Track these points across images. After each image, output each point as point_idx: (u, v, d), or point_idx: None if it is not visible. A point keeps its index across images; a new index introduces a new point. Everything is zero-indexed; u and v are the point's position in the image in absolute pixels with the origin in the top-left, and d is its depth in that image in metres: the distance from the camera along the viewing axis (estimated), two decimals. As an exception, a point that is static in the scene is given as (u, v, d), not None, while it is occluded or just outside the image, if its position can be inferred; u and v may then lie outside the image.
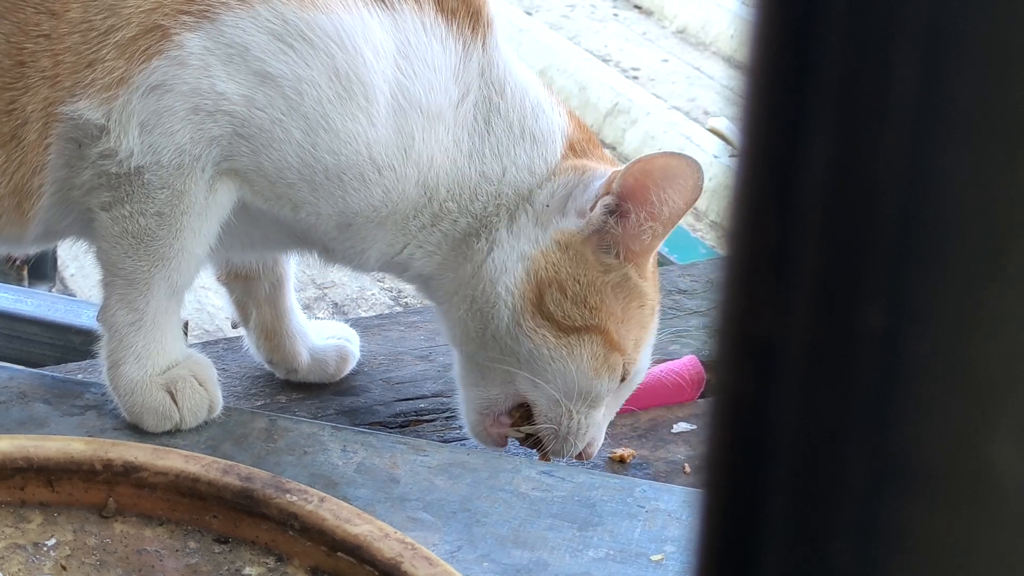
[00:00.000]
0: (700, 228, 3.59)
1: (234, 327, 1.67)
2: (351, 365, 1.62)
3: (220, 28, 1.32)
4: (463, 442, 1.51)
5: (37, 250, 1.53)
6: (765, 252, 0.40)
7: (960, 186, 0.38)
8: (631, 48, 4.85)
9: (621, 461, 1.51)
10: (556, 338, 1.39)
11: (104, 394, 1.41)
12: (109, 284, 1.38)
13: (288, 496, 1.14)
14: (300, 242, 1.45)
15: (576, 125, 1.47)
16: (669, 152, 1.41)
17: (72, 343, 1.79)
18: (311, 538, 1.13)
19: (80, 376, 1.52)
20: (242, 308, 1.59)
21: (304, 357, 1.58)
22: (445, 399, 1.56)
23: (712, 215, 3.63)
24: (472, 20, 1.39)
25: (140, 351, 1.38)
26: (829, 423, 0.39)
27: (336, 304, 3.21)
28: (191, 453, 1.19)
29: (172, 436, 1.38)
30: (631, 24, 5.08)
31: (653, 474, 1.49)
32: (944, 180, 0.38)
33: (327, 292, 3.25)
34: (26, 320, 1.83)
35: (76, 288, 3.10)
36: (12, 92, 1.34)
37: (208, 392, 1.40)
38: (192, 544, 1.15)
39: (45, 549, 1.14)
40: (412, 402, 1.58)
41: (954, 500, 0.39)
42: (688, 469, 1.51)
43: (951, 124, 0.38)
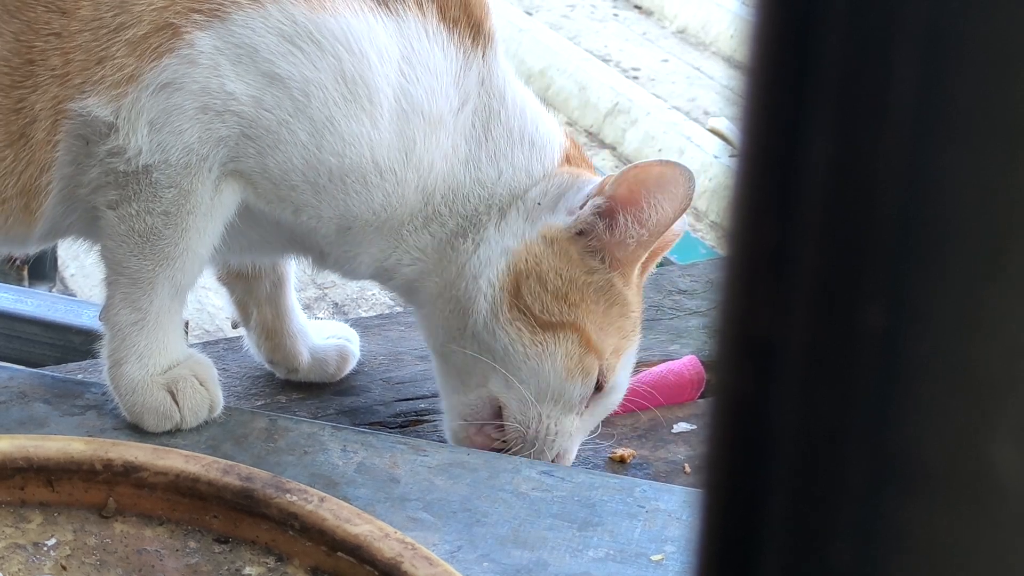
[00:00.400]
0: (700, 228, 3.59)
1: (234, 327, 1.67)
2: (351, 365, 1.62)
3: (230, 27, 1.32)
4: (463, 442, 1.51)
5: (39, 249, 1.53)
6: (765, 252, 0.40)
7: (960, 186, 0.38)
8: (631, 48, 4.85)
9: (621, 461, 1.51)
10: (532, 333, 1.38)
11: (104, 394, 1.41)
12: (113, 283, 1.39)
13: (288, 496, 1.14)
14: (296, 246, 1.45)
15: (573, 145, 1.49)
16: (663, 161, 1.41)
17: (72, 343, 1.79)
18: (311, 538, 1.13)
19: (80, 376, 1.52)
20: (243, 308, 1.59)
21: (305, 357, 1.58)
22: (445, 399, 1.56)
23: (712, 215, 3.63)
24: (473, 31, 1.40)
25: (142, 350, 1.38)
26: (829, 423, 0.39)
27: (336, 304, 3.22)
28: (191, 453, 1.19)
29: (172, 436, 1.38)
30: (631, 24, 5.08)
31: (653, 474, 1.49)
32: (944, 180, 0.38)
33: (327, 292, 3.25)
34: (26, 320, 1.82)
35: (76, 288, 3.10)
36: (21, 90, 1.35)
37: (209, 392, 1.40)
38: (192, 544, 1.15)
39: (45, 549, 1.14)
40: (412, 402, 1.58)
41: (954, 500, 0.39)
42: (688, 469, 1.51)
43: (951, 124, 0.38)
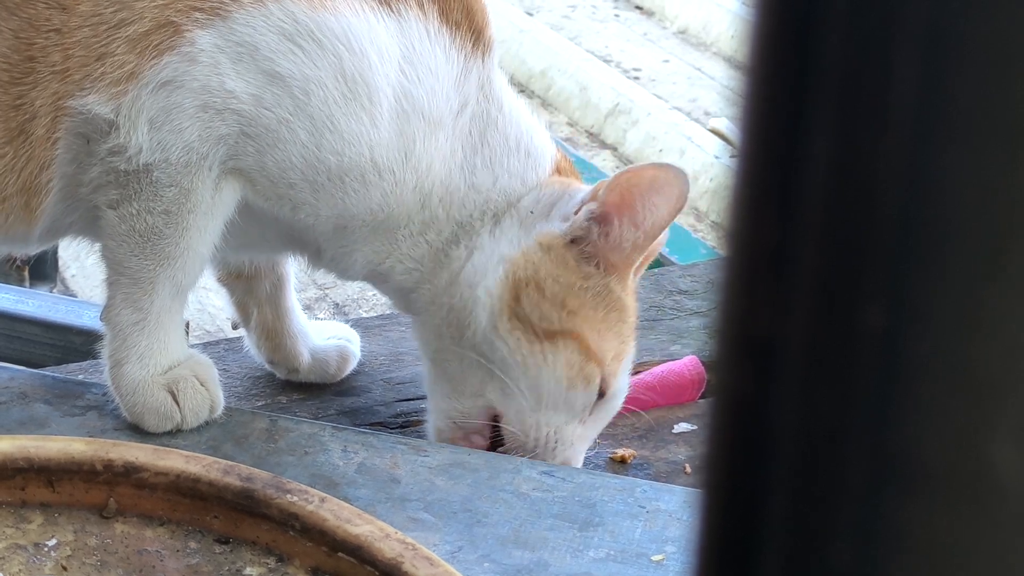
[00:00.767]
0: (701, 229, 3.59)
1: (235, 328, 1.67)
2: (352, 365, 1.62)
3: (231, 26, 1.32)
4: (464, 442, 1.51)
5: (40, 248, 1.53)
6: (765, 252, 0.40)
7: (960, 186, 0.38)
8: (632, 49, 4.85)
9: (622, 461, 1.51)
10: (530, 343, 1.37)
11: (105, 394, 1.41)
12: (114, 283, 1.39)
13: (289, 496, 1.14)
14: (293, 243, 1.45)
15: (563, 157, 1.49)
16: (657, 164, 1.42)
17: (73, 344, 1.79)
18: (312, 538, 1.13)
19: (81, 377, 1.52)
20: (243, 308, 1.59)
21: (305, 357, 1.58)
22: (446, 399, 1.56)
23: (713, 216, 3.63)
24: (474, 36, 1.40)
25: (143, 351, 1.38)
26: (829, 423, 0.39)
27: (337, 304, 3.22)
28: (192, 453, 1.19)
29: (173, 436, 1.38)
30: (632, 25, 5.08)
31: (654, 474, 1.49)
32: (944, 180, 0.38)
33: (328, 292, 3.26)
34: (27, 321, 1.82)
35: (77, 289, 3.10)
36: (21, 87, 1.34)
37: (209, 392, 1.40)
38: (193, 544, 1.15)
39: (46, 549, 1.14)
40: (413, 402, 1.58)
41: (954, 500, 0.39)
42: (689, 469, 1.51)
43: (951, 124, 0.38)
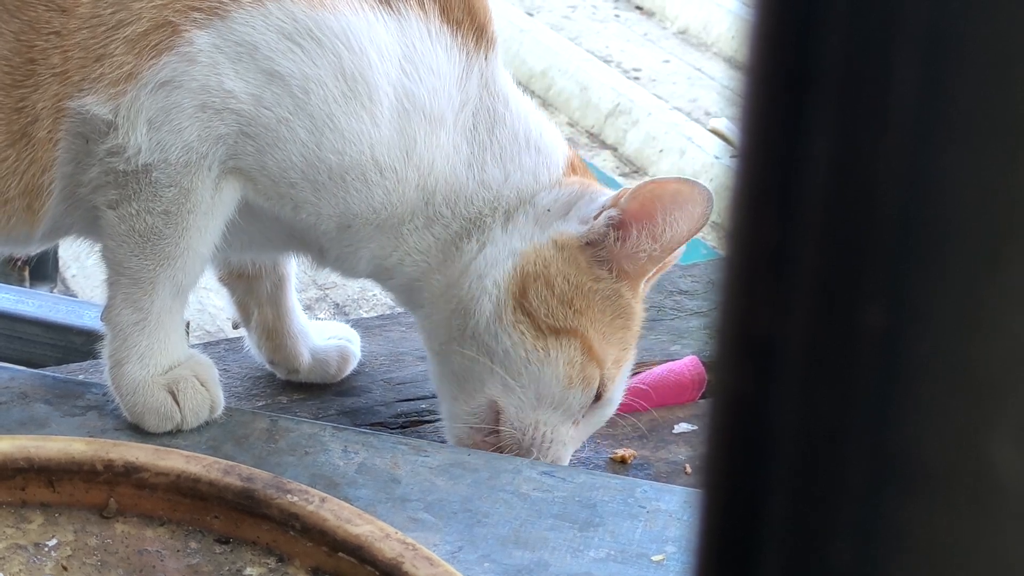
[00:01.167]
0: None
1: (235, 328, 1.67)
2: (352, 366, 1.62)
3: (230, 25, 1.32)
4: (464, 443, 1.51)
5: (41, 249, 1.54)
6: (765, 252, 0.40)
7: (960, 186, 0.38)
8: (632, 49, 4.85)
9: (622, 462, 1.51)
10: (535, 338, 1.37)
11: (105, 395, 1.41)
12: (114, 283, 1.39)
13: (289, 496, 1.14)
14: (297, 243, 1.45)
15: (574, 155, 1.49)
16: (682, 178, 1.40)
17: (73, 344, 1.79)
18: (312, 538, 1.13)
19: (81, 377, 1.52)
20: (243, 308, 1.59)
21: (305, 357, 1.58)
22: (446, 400, 1.56)
23: (713, 216, 3.62)
24: (476, 33, 1.40)
25: (143, 351, 1.38)
26: (829, 423, 0.39)
27: (337, 305, 3.22)
28: (192, 454, 1.19)
29: (173, 437, 1.38)
30: (632, 25, 5.08)
31: (654, 475, 1.49)
32: (945, 180, 0.38)
33: (328, 293, 3.26)
34: (27, 321, 1.83)
35: (77, 289, 3.10)
36: (22, 90, 1.34)
37: (210, 392, 1.40)
38: (193, 544, 1.15)
39: (46, 549, 1.14)
40: (413, 403, 1.58)
41: (954, 500, 0.39)
42: (689, 469, 1.51)
43: (951, 125, 0.38)
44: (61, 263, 2.91)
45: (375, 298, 3.22)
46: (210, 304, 3.04)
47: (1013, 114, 0.37)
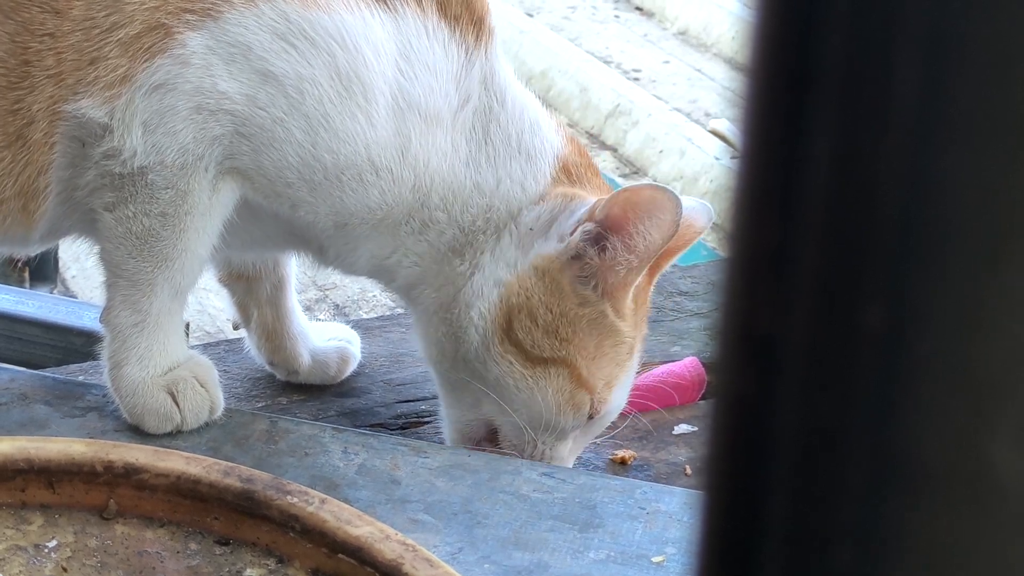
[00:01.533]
0: (701, 230, 3.58)
1: (235, 328, 1.67)
2: (352, 367, 1.62)
3: (223, 27, 1.31)
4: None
5: (40, 250, 1.53)
6: (766, 253, 0.40)
7: (961, 186, 0.38)
8: (632, 50, 4.85)
9: (622, 463, 1.51)
10: (523, 367, 1.38)
11: (105, 396, 1.41)
12: (112, 285, 1.38)
13: (289, 498, 1.14)
14: (298, 241, 1.45)
15: (575, 149, 1.46)
16: (654, 185, 1.38)
17: (73, 345, 1.79)
18: (312, 540, 1.13)
19: (81, 378, 1.52)
20: (243, 309, 1.59)
21: (305, 359, 1.58)
22: (446, 401, 1.56)
23: (714, 217, 3.62)
24: (476, 27, 1.39)
25: (143, 352, 1.38)
26: (829, 424, 0.39)
27: (337, 306, 3.21)
28: (192, 455, 1.19)
29: (173, 438, 1.38)
30: (632, 26, 5.08)
31: (654, 476, 1.49)
32: (945, 180, 0.38)
33: (328, 294, 3.25)
34: (27, 322, 1.82)
35: (77, 290, 3.10)
36: (18, 92, 1.34)
37: (209, 393, 1.40)
38: (193, 546, 1.15)
39: (46, 551, 1.14)
40: (413, 403, 1.58)
41: (954, 501, 0.39)
42: (689, 471, 1.51)
43: (952, 125, 0.38)
44: (61, 264, 2.91)
45: (375, 299, 3.22)
46: (210, 305, 3.04)
47: (1013, 114, 0.37)
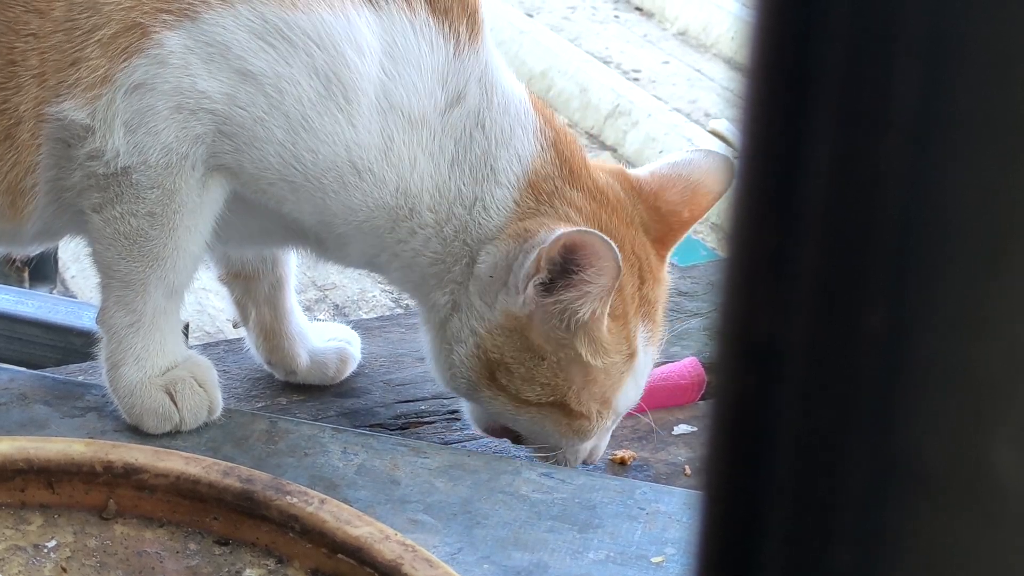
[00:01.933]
0: (701, 230, 3.59)
1: (235, 327, 1.67)
2: (351, 367, 1.61)
3: (200, 27, 1.30)
4: (464, 444, 1.51)
5: (39, 248, 1.53)
6: (766, 254, 0.40)
7: (961, 187, 0.38)
8: (632, 50, 4.85)
9: (622, 463, 1.51)
10: (515, 408, 1.39)
11: (104, 396, 1.41)
12: (106, 286, 1.38)
13: (288, 498, 1.14)
14: (295, 234, 1.43)
15: (553, 154, 1.39)
16: (583, 231, 1.31)
17: (73, 345, 1.79)
18: (311, 540, 1.13)
19: (81, 378, 1.52)
20: (242, 308, 1.58)
21: (303, 359, 1.57)
22: (446, 401, 1.56)
23: (713, 217, 3.62)
24: (469, 20, 1.37)
25: (139, 352, 1.38)
26: (829, 425, 0.39)
27: (337, 306, 3.21)
28: (192, 455, 1.19)
29: (172, 438, 1.38)
30: (632, 26, 5.08)
31: (654, 476, 1.49)
32: (945, 181, 0.38)
33: (328, 294, 3.25)
34: (27, 322, 1.82)
35: (77, 290, 3.10)
36: (4, 92, 1.34)
37: (208, 394, 1.40)
38: (193, 546, 1.15)
39: (45, 551, 1.14)
40: (413, 404, 1.58)
41: (954, 501, 0.39)
42: (689, 471, 1.51)
43: (952, 125, 0.38)
44: (61, 264, 2.91)
45: (375, 299, 3.22)
46: (210, 305, 3.04)
47: (1013, 114, 0.37)
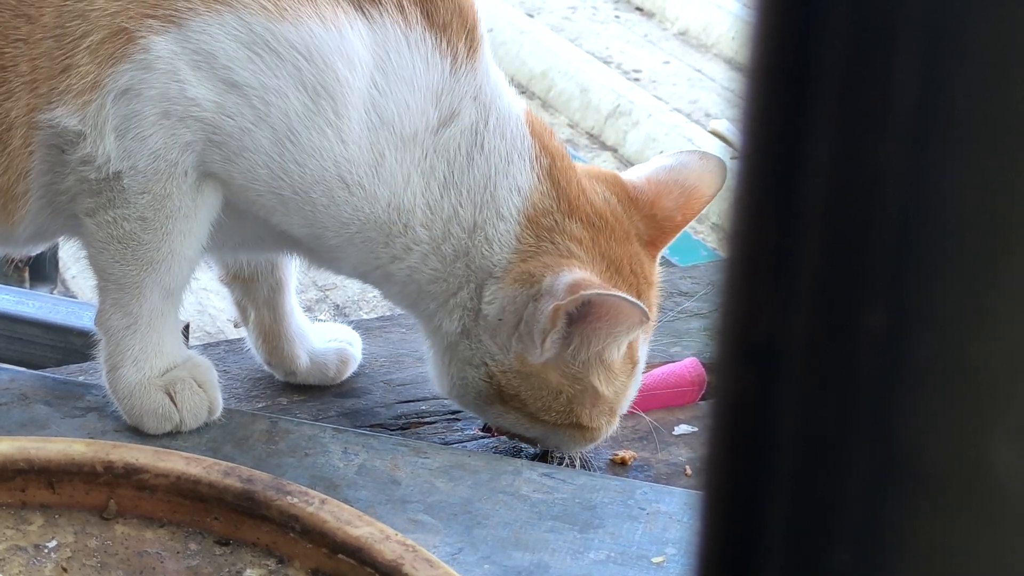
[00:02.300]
0: (702, 230, 3.59)
1: (236, 327, 1.67)
2: (352, 368, 1.61)
3: (187, 34, 1.29)
4: (464, 444, 1.51)
5: (35, 250, 1.53)
6: (766, 254, 0.40)
7: (961, 187, 0.38)
8: (632, 50, 4.85)
9: (622, 463, 1.51)
10: (528, 423, 1.42)
11: (105, 396, 1.41)
12: (103, 289, 1.38)
13: (289, 498, 1.14)
14: (288, 242, 1.43)
15: (549, 185, 1.38)
16: (607, 294, 1.33)
17: (73, 345, 1.79)
18: (312, 540, 1.13)
19: (81, 378, 1.52)
20: (242, 309, 1.58)
21: (302, 360, 1.57)
22: (446, 401, 1.56)
23: (713, 217, 3.63)
24: (468, 36, 1.35)
25: (137, 354, 1.38)
26: (829, 425, 0.39)
27: (337, 306, 3.21)
28: (192, 455, 1.19)
29: (173, 438, 1.38)
30: (633, 26, 5.08)
31: (654, 476, 1.49)
32: (945, 181, 0.38)
33: (328, 294, 3.25)
34: (27, 322, 1.82)
35: (77, 290, 3.10)
36: None
37: (207, 394, 1.40)
38: (193, 546, 1.15)
39: (46, 551, 1.14)
40: (413, 404, 1.58)
41: (954, 502, 0.39)
42: (689, 471, 1.51)
43: (952, 125, 0.38)
44: (61, 264, 2.91)
45: (375, 299, 3.22)
46: (210, 306, 3.04)
47: (1013, 114, 0.37)
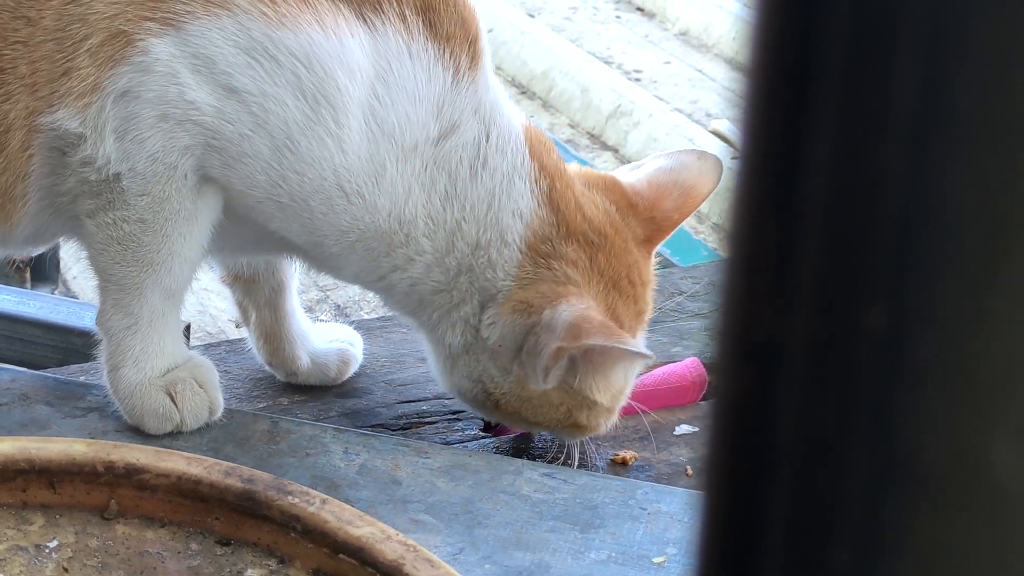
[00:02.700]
0: (702, 230, 3.59)
1: (237, 327, 1.67)
2: (353, 369, 1.61)
3: (185, 38, 1.29)
4: (465, 444, 1.51)
5: (35, 251, 1.53)
6: (767, 254, 0.40)
7: (961, 187, 0.38)
8: (633, 50, 4.85)
9: (623, 463, 1.51)
10: (528, 425, 1.44)
11: (106, 396, 1.41)
12: (103, 289, 1.39)
13: (290, 498, 1.14)
14: (288, 246, 1.42)
15: (548, 211, 1.37)
16: (609, 346, 1.34)
17: (74, 345, 1.79)
18: (313, 540, 1.13)
19: (82, 378, 1.52)
20: (243, 310, 1.58)
21: (303, 361, 1.57)
22: (447, 401, 1.56)
23: (714, 217, 3.63)
24: (471, 48, 1.34)
25: (138, 354, 1.38)
26: (829, 424, 0.39)
27: (338, 306, 3.22)
28: (193, 455, 1.19)
29: (174, 438, 1.38)
30: (633, 26, 5.08)
31: (655, 476, 1.49)
32: (945, 181, 0.38)
33: (329, 294, 3.26)
34: (28, 322, 1.83)
35: (78, 290, 3.10)
36: None
37: (208, 394, 1.40)
38: (194, 546, 1.15)
39: (47, 551, 1.14)
40: (414, 404, 1.58)
41: (954, 502, 0.39)
42: (690, 471, 1.51)
43: (952, 125, 0.38)
44: (62, 264, 2.91)
45: (376, 300, 3.21)
46: (212, 306, 3.04)
47: (1013, 114, 0.37)
